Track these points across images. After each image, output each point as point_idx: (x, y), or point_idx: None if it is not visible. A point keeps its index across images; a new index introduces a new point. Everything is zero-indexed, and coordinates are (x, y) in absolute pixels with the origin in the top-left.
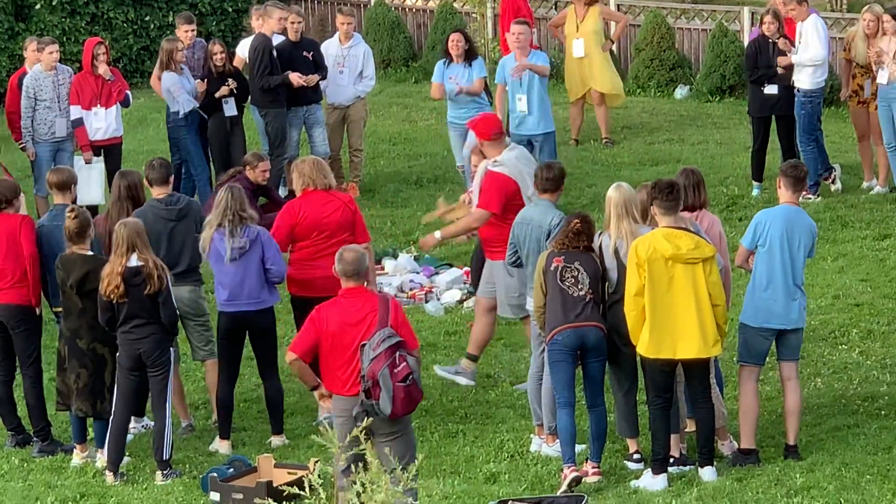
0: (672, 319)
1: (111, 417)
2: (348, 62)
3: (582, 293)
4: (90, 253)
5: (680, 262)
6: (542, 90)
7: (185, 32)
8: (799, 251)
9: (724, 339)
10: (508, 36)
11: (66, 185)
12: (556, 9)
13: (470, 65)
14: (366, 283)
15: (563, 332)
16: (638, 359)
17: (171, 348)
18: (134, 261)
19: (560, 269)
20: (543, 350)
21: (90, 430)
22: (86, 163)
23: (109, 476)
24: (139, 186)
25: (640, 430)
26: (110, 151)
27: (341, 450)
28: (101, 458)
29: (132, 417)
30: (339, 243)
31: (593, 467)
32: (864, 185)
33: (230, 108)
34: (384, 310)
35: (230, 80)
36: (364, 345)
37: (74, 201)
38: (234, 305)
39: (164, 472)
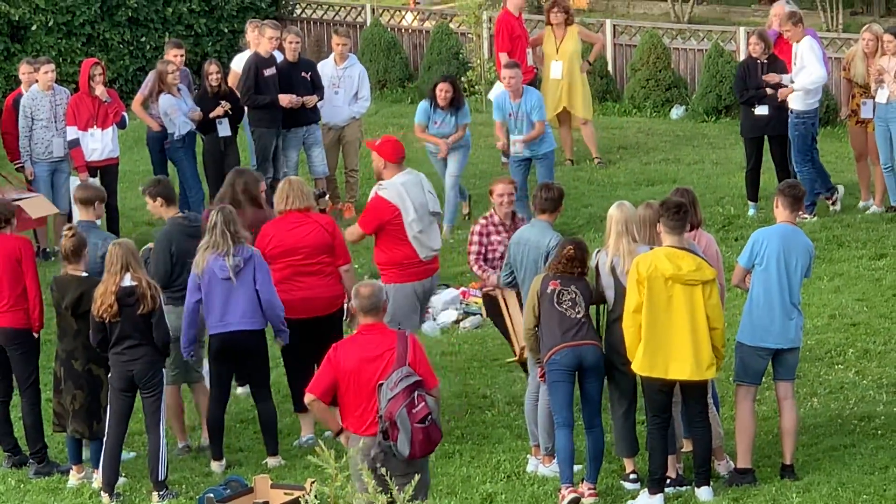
0: (667, 339)
1: (105, 438)
2: (344, 83)
3: (579, 315)
4: (84, 274)
5: (679, 282)
6: (541, 115)
7: (175, 57)
8: (796, 270)
9: (721, 361)
10: (502, 79)
11: (91, 201)
12: None
13: (455, 113)
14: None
15: (560, 352)
16: (637, 378)
17: (164, 369)
18: (128, 280)
19: (558, 291)
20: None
21: (86, 450)
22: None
23: (105, 497)
24: (256, 185)
25: (638, 449)
26: (106, 172)
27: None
28: (98, 479)
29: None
30: (317, 265)
31: (589, 488)
32: (861, 204)
33: (224, 129)
34: (402, 347)
35: (223, 102)
36: (381, 384)
37: (99, 217)
38: (226, 326)
39: (160, 493)
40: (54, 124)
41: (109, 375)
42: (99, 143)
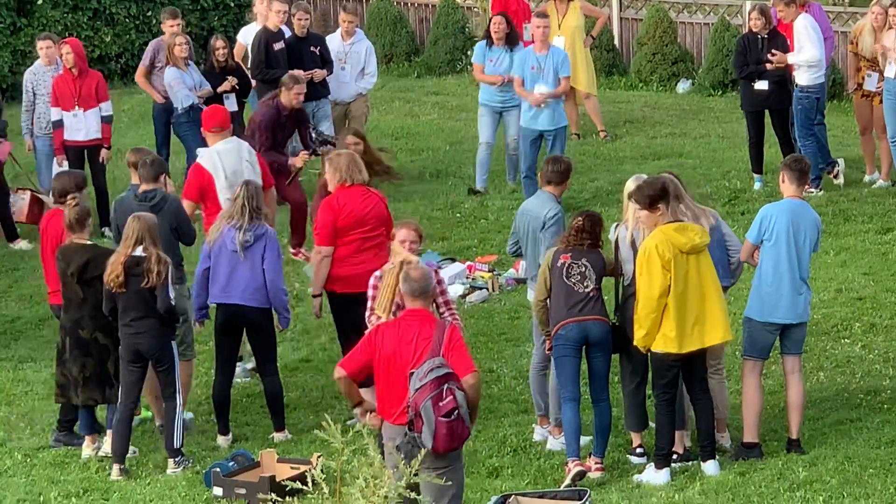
0: (700, 310)
1: (116, 410)
2: (350, 59)
3: (588, 290)
4: (89, 242)
5: (695, 252)
6: (556, 85)
7: (171, 27)
8: (805, 245)
9: None
10: (530, 28)
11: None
12: None
13: (511, 50)
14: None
15: (566, 327)
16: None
17: (173, 341)
18: (139, 251)
19: (567, 265)
20: (544, 342)
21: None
22: (58, 166)
23: (115, 469)
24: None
25: (647, 424)
26: (90, 153)
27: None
28: (86, 446)
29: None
30: (379, 237)
31: (597, 462)
32: (867, 178)
33: (231, 104)
34: (439, 336)
35: (230, 77)
36: (412, 372)
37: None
38: (228, 297)
39: (176, 459)
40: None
41: (119, 347)
42: (83, 124)
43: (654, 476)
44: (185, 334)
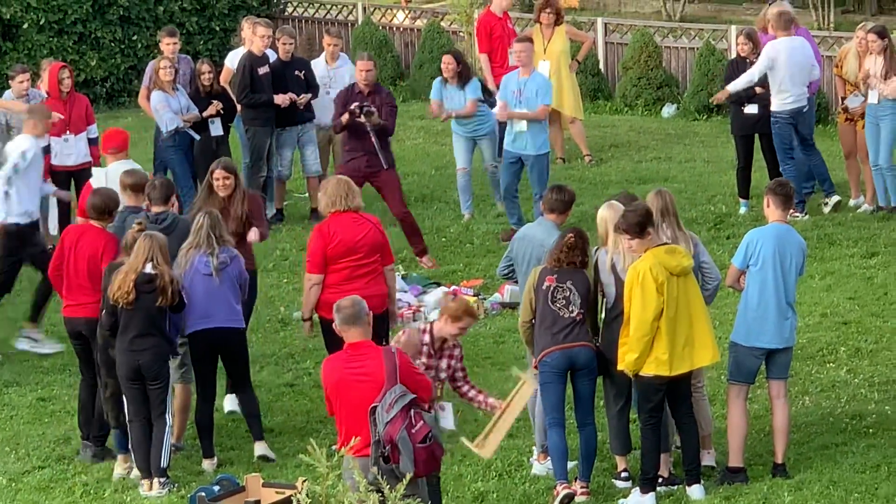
0: (689, 332)
1: (129, 429)
2: (335, 83)
3: (573, 314)
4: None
5: (683, 274)
6: (547, 99)
7: (168, 45)
8: (791, 270)
9: None
10: (511, 53)
11: (141, 186)
12: None
13: (463, 87)
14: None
15: (551, 355)
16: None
17: (169, 362)
18: (149, 269)
19: (552, 289)
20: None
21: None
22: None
23: (145, 484)
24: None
25: (631, 447)
26: (80, 177)
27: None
28: (119, 465)
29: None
30: (371, 264)
31: (582, 486)
32: (851, 202)
33: (216, 128)
34: (391, 365)
35: (215, 101)
36: (375, 407)
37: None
38: (209, 322)
39: (161, 480)
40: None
41: (116, 365)
42: (72, 149)
43: (639, 500)
44: (185, 356)
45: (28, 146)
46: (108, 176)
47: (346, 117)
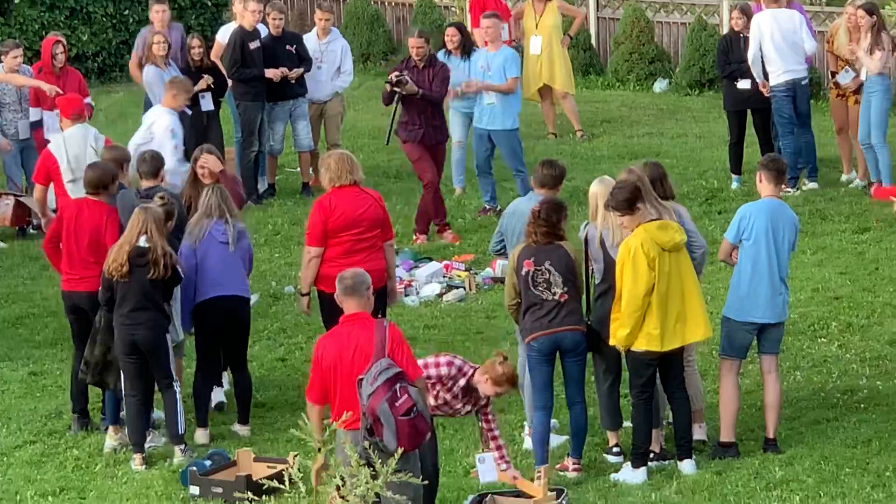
0: (681, 307)
1: (124, 402)
2: (326, 57)
3: (556, 296)
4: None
5: (675, 249)
6: (515, 72)
7: (157, 13)
8: (784, 245)
9: None
10: (477, 31)
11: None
12: None
13: (469, 58)
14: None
15: (538, 339)
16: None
17: (167, 333)
18: (142, 242)
19: (531, 273)
20: None
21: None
22: None
23: (137, 459)
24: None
25: (622, 422)
26: None
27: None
28: (110, 436)
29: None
30: (371, 239)
31: (574, 463)
32: (843, 177)
33: (206, 103)
34: (381, 337)
35: (206, 76)
36: (361, 379)
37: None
38: (223, 290)
39: (181, 447)
40: (19, 106)
41: (115, 339)
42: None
43: (630, 475)
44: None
45: (170, 123)
46: (65, 141)
47: (386, 87)
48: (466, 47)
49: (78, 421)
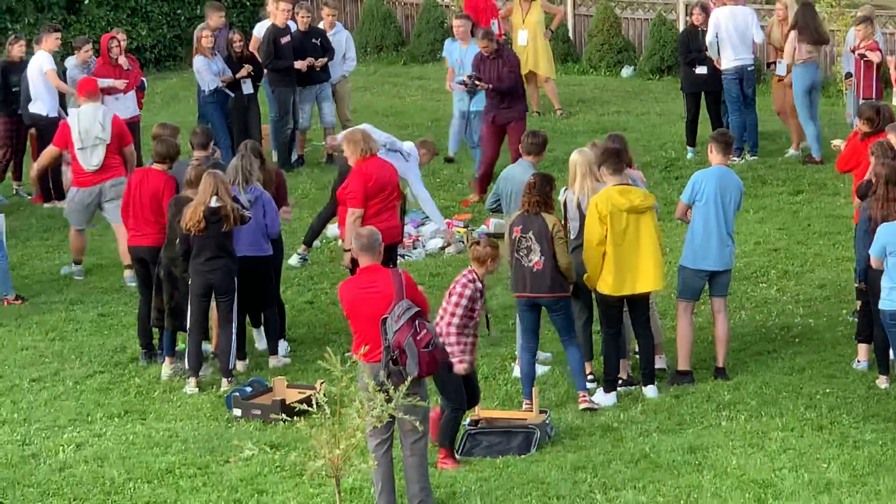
0: (633, 261)
1: (189, 337)
2: (334, 46)
3: (532, 263)
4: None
5: (634, 212)
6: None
7: (218, 19)
8: (730, 205)
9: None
10: (454, 28)
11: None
12: None
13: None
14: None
15: (520, 299)
16: (593, 295)
17: (235, 278)
18: (214, 202)
19: (518, 239)
20: None
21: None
22: None
23: (192, 381)
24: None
25: (594, 355)
26: (129, 129)
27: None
28: (166, 365)
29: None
30: (392, 200)
31: (582, 396)
32: (791, 151)
33: (247, 87)
34: (398, 283)
35: (246, 65)
36: (385, 318)
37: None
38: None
39: (229, 379)
40: None
41: (190, 283)
42: (123, 105)
43: (603, 398)
44: None
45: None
46: (79, 115)
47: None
48: (473, 35)
49: (145, 355)
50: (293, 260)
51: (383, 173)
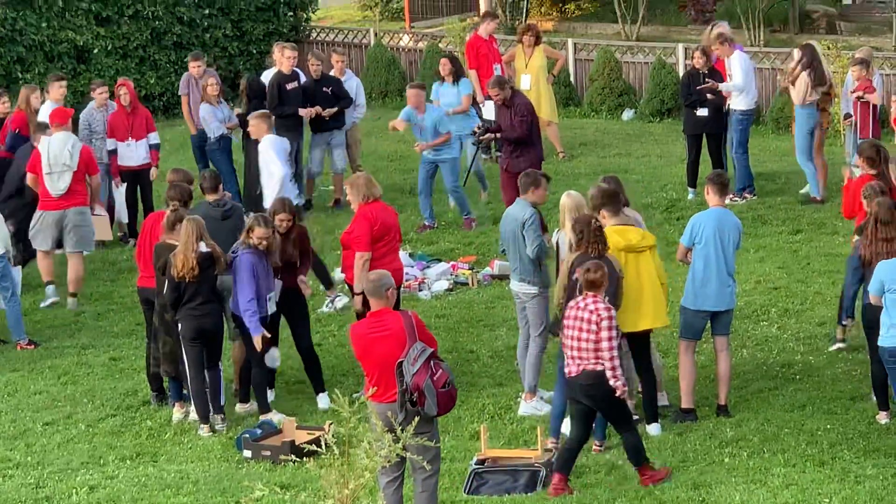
0: (633, 299)
1: (189, 382)
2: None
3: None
4: (178, 243)
5: (632, 251)
6: (435, 136)
7: (193, 67)
8: (729, 245)
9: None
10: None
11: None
12: None
13: (457, 84)
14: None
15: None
16: None
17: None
18: (203, 247)
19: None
20: (543, 329)
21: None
22: (115, 188)
23: (204, 428)
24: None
25: None
26: (141, 175)
27: (378, 450)
28: (176, 410)
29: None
30: (395, 243)
31: (597, 444)
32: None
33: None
34: (409, 325)
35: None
36: (401, 362)
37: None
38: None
39: (221, 416)
40: (104, 136)
41: (180, 328)
42: (134, 153)
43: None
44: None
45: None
46: (50, 143)
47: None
48: (458, 74)
49: (156, 398)
50: (325, 308)
51: (387, 217)
